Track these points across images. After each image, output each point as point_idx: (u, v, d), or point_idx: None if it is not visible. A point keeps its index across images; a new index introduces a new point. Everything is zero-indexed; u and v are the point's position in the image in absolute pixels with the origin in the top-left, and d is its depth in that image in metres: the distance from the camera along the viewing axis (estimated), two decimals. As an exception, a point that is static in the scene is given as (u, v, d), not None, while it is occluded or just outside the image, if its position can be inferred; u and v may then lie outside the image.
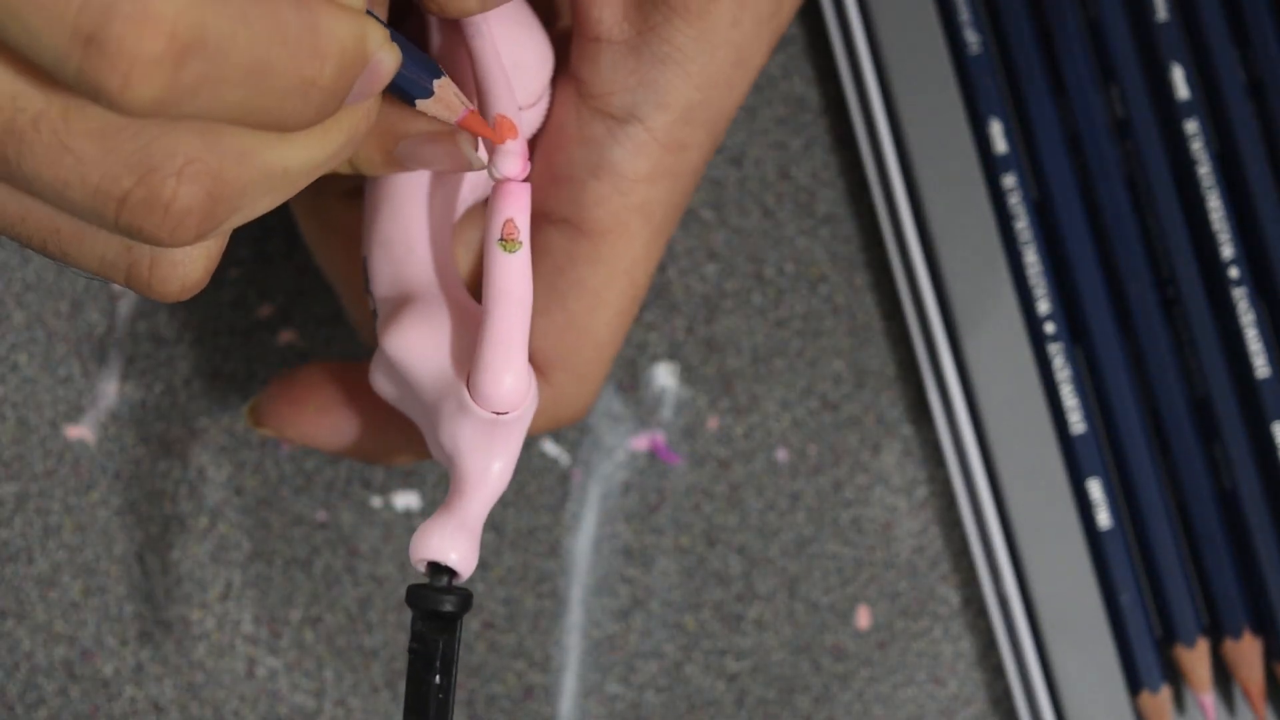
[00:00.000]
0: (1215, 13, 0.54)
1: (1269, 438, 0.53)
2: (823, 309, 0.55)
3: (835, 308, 0.55)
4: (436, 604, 0.39)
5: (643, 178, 0.42)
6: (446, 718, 0.39)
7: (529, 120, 0.43)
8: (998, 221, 0.53)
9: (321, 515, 0.54)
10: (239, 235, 0.53)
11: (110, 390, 0.53)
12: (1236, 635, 0.53)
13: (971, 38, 0.54)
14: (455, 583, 0.39)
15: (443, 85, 0.37)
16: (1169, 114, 0.54)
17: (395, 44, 0.34)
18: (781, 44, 0.55)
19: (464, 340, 0.40)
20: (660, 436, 0.54)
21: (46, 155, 0.32)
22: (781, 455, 0.54)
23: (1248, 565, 0.53)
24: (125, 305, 0.54)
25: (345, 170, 0.41)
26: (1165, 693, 0.53)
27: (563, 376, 0.44)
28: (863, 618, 0.54)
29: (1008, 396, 0.53)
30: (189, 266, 0.35)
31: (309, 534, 0.54)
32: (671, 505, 0.54)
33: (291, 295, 0.54)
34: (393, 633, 0.54)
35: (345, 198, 0.46)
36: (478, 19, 0.40)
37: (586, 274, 0.43)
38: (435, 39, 0.42)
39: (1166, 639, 0.53)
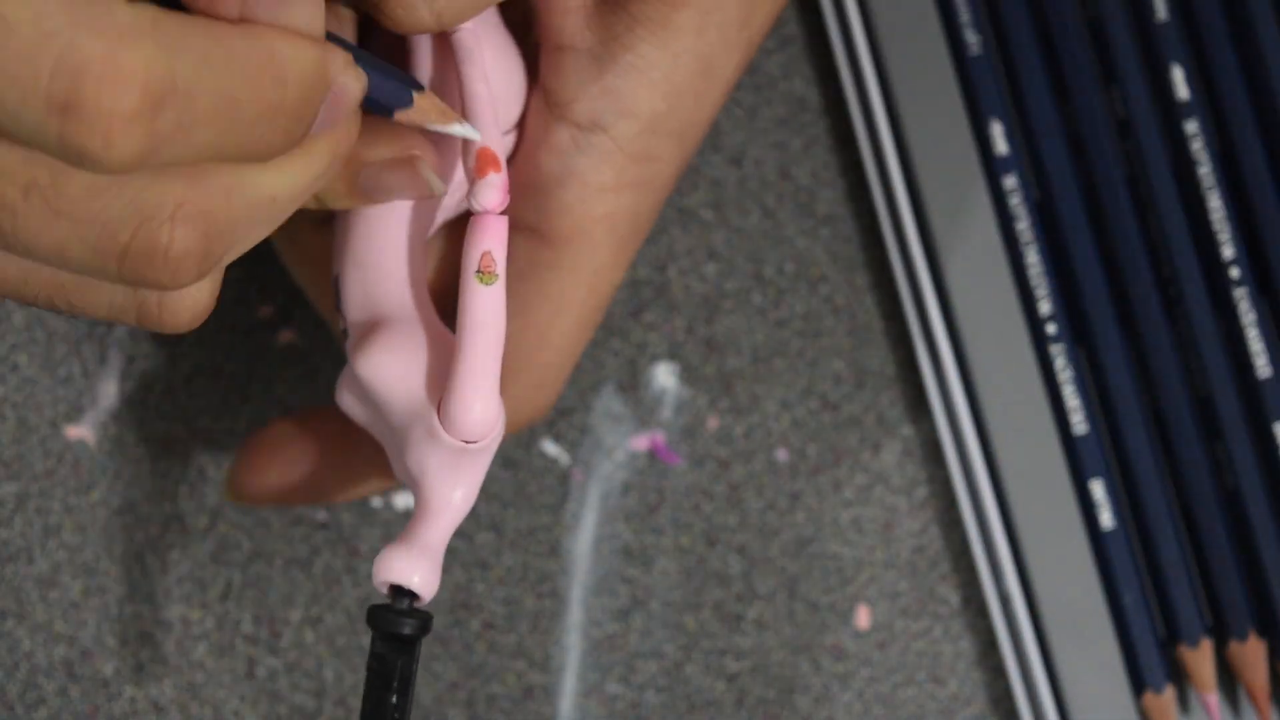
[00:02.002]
0: (1215, 13, 0.54)
1: (1271, 437, 0.53)
2: (823, 309, 0.55)
3: (835, 308, 0.55)
4: (397, 626, 0.39)
5: (608, 187, 0.42)
6: None
7: (505, 146, 0.43)
8: (999, 222, 0.53)
9: (321, 515, 0.54)
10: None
11: (110, 390, 0.54)
12: (1242, 637, 0.52)
13: (972, 38, 0.54)
14: (417, 605, 0.40)
15: (423, 97, 0.38)
16: (1169, 114, 0.54)
17: (360, 67, 0.35)
18: (781, 44, 0.55)
19: (435, 366, 0.40)
20: (660, 436, 0.54)
21: (40, 223, 0.32)
22: (781, 455, 0.54)
23: (1252, 566, 0.53)
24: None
25: (312, 205, 0.41)
26: (1169, 693, 0.52)
27: (520, 381, 0.44)
28: (863, 618, 0.54)
29: (1010, 397, 0.53)
30: (195, 298, 0.36)
31: (309, 534, 0.54)
32: (671, 505, 0.54)
33: (291, 295, 0.54)
34: (393, 633, 0.54)
35: (318, 224, 0.46)
36: (470, 45, 0.41)
37: (548, 281, 0.43)
38: (426, 66, 0.42)
39: (1170, 639, 0.53)
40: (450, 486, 0.40)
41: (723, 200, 0.55)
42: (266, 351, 0.54)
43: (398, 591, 0.40)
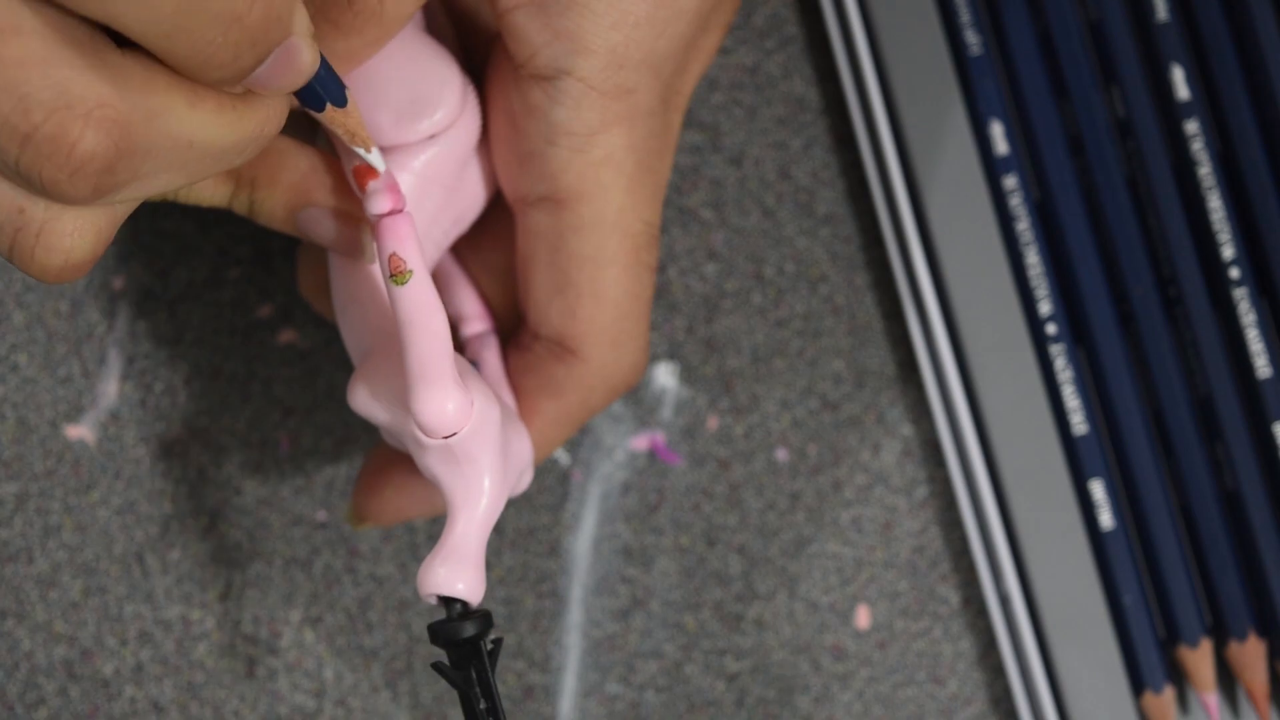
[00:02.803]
0: (1215, 13, 0.54)
1: (1271, 437, 0.53)
2: (823, 309, 0.55)
3: (835, 308, 0.55)
4: (458, 633, 0.39)
5: (595, 129, 0.42)
6: None
7: (463, 135, 0.43)
8: (999, 222, 0.53)
9: (321, 515, 0.54)
10: (239, 234, 0.53)
11: (110, 390, 0.54)
12: (1241, 637, 0.52)
13: (972, 39, 0.54)
14: (470, 607, 0.40)
15: (353, 105, 0.38)
16: (1170, 114, 0.54)
17: (317, 47, 0.35)
18: (781, 44, 0.55)
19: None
20: (660, 436, 0.54)
21: None
22: (781, 455, 0.54)
23: (1251, 566, 0.53)
24: (125, 305, 0.54)
25: (241, 211, 0.41)
26: (1169, 693, 0.52)
27: (594, 348, 0.44)
28: (863, 618, 0.54)
29: (1010, 398, 0.53)
30: (76, 240, 0.35)
31: (309, 534, 0.54)
32: (671, 505, 0.54)
33: (291, 295, 0.54)
34: (393, 633, 0.54)
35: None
36: (355, 76, 0.41)
37: (576, 243, 0.43)
38: None
39: (1170, 639, 0.53)
40: (463, 482, 0.40)
41: (723, 200, 0.55)
42: (266, 351, 0.54)
43: (447, 601, 0.40)
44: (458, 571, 0.40)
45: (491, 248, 0.47)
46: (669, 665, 0.54)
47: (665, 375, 0.54)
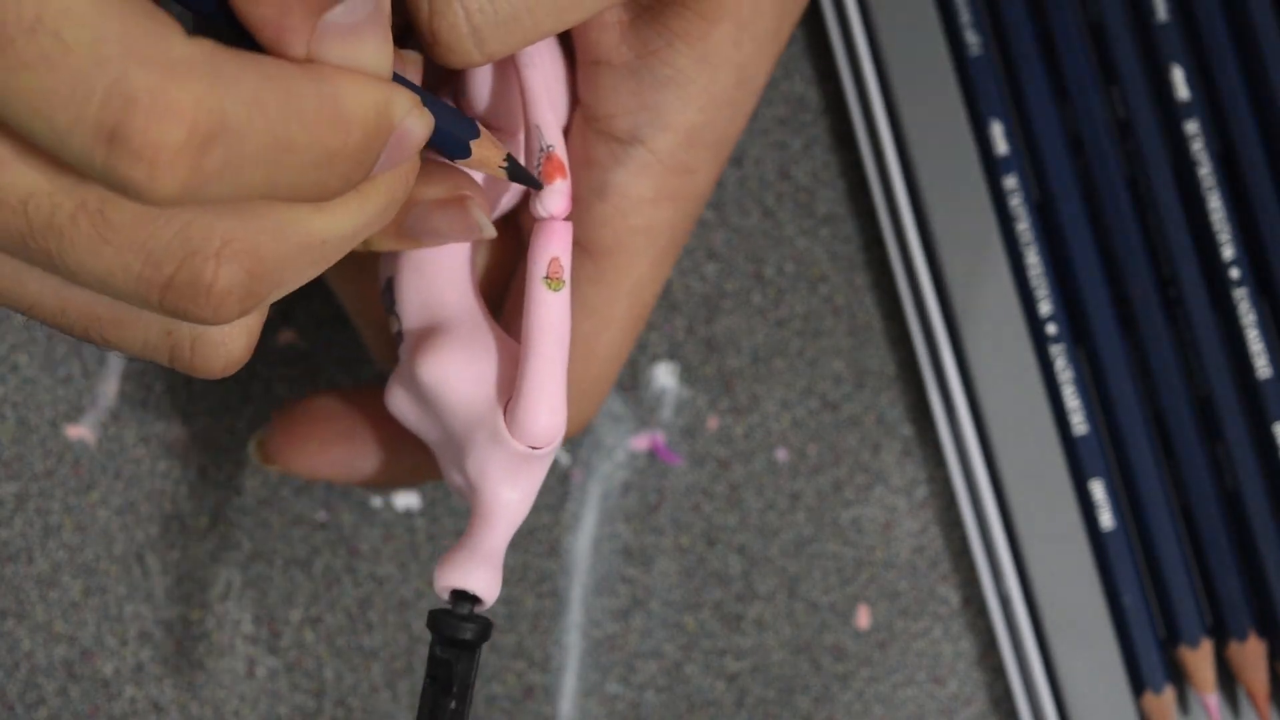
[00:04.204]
0: (1215, 13, 0.54)
1: (1271, 437, 0.53)
2: (823, 309, 0.55)
3: (835, 308, 0.55)
4: (458, 631, 0.39)
5: (647, 199, 0.42)
6: None
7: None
8: (999, 223, 0.53)
9: (321, 515, 0.54)
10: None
11: (110, 390, 0.54)
12: (1241, 637, 0.52)
13: (972, 39, 0.54)
14: (477, 610, 0.40)
15: (480, 144, 0.38)
16: (1170, 115, 0.54)
17: (426, 109, 0.35)
18: (782, 45, 0.55)
19: (500, 371, 0.40)
20: (660, 436, 0.54)
21: (87, 248, 0.32)
22: (781, 455, 0.54)
23: (1252, 566, 0.53)
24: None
25: (359, 249, 0.41)
26: (1169, 693, 0.52)
27: (570, 404, 0.44)
28: (863, 618, 0.54)
29: (1010, 398, 0.53)
30: (230, 345, 0.36)
31: (309, 534, 0.54)
32: (671, 505, 0.54)
33: (292, 295, 0.54)
34: (393, 633, 0.54)
35: None
36: (531, 54, 0.41)
37: (590, 295, 0.43)
38: (486, 83, 0.42)
39: (1170, 640, 0.53)
40: (509, 491, 0.40)
41: (723, 200, 0.55)
42: (266, 351, 0.54)
43: (459, 597, 0.40)
44: (478, 569, 0.40)
45: (498, 246, 0.46)
46: (669, 665, 0.54)
47: (665, 375, 0.54)
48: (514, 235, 0.46)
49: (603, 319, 0.43)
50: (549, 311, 0.39)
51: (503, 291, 0.46)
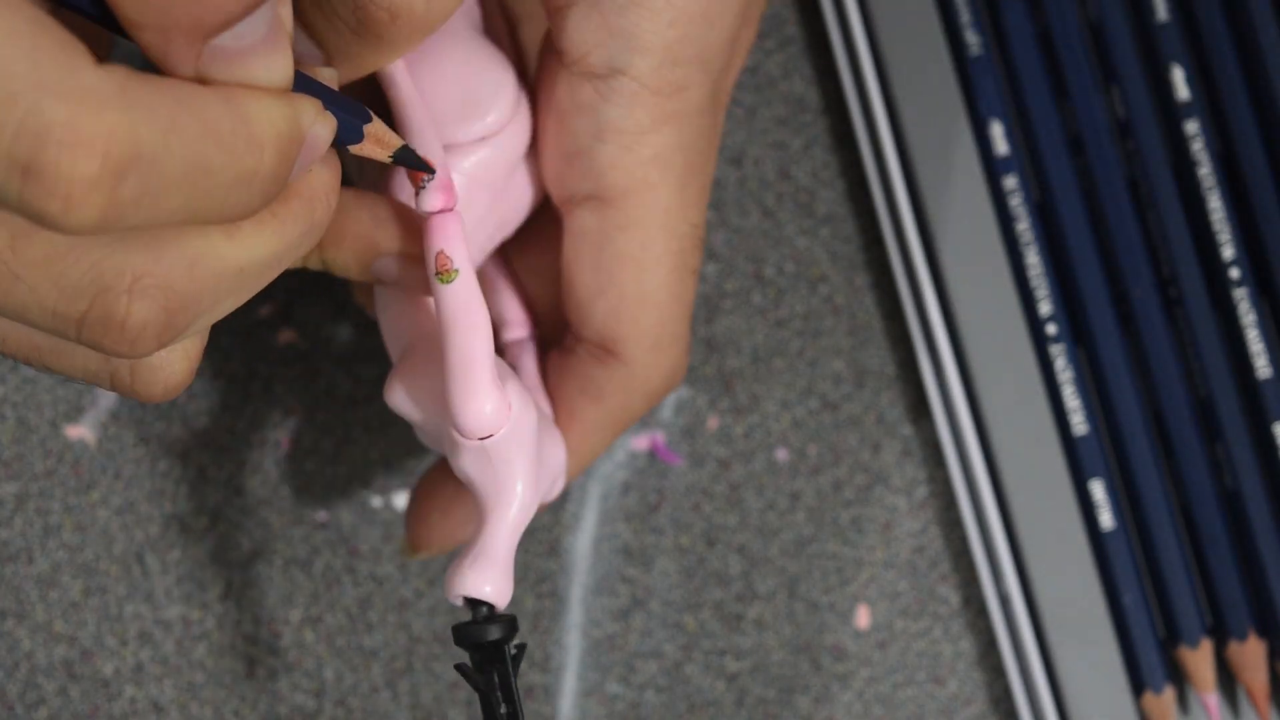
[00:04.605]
0: (1215, 13, 0.54)
1: (1271, 437, 0.53)
2: (823, 309, 0.55)
3: (835, 308, 0.55)
4: (482, 635, 0.39)
5: (645, 128, 0.42)
6: None
7: (513, 139, 0.43)
8: (999, 223, 0.53)
9: (321, 515, 0.54)
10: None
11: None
12: (1241, 637, 0.52)
13: (972, 39, 0.54)
14: (495, 612, 0.40)
15: (372, 128, 0.38)
16: (1170, 115, 0.54)
17: (328, 112, 0.35)
18: (781, 44, 0.55)
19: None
20: (660, 436, 0.54)
21: (2, 285, 0.32)
22: (781, 455, 0.54)
23: (1251, 566, 0.53)
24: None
25: (315, 268, 0.41)
26: (1169, 693, 0.52)
27: (636, 350, 0.43)
28: (863, 618, 0.54)
29: (1010, 398, 0.53)
30: (169, 370, 0.36)
31: (309, 534, 0.54)
32: (671, 505, 0.54)
33: (291, 295, 0.54)
34: (393, 633, 0.54)
35: None
36: (390, 70, 0.41)
37: (622, 243, 0.43)
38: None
39: (1170, 640, 0.53)
40: (495, 485, 0.40)
41: (723, 200, 0.55)
42: (266, 351, 0.54)
43: (473, 603, 0.40)
44: (486, 574, 0.39)
45: (537, 251, 0.46)
46: (669, 665, 0.54)
47: (665, 375, 0.54)
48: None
49: (643, 262, 0.43)
50: (448, 304, 0.39)
51: None
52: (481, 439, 0.39)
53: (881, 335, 0.55)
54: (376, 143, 0.38)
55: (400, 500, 0.54)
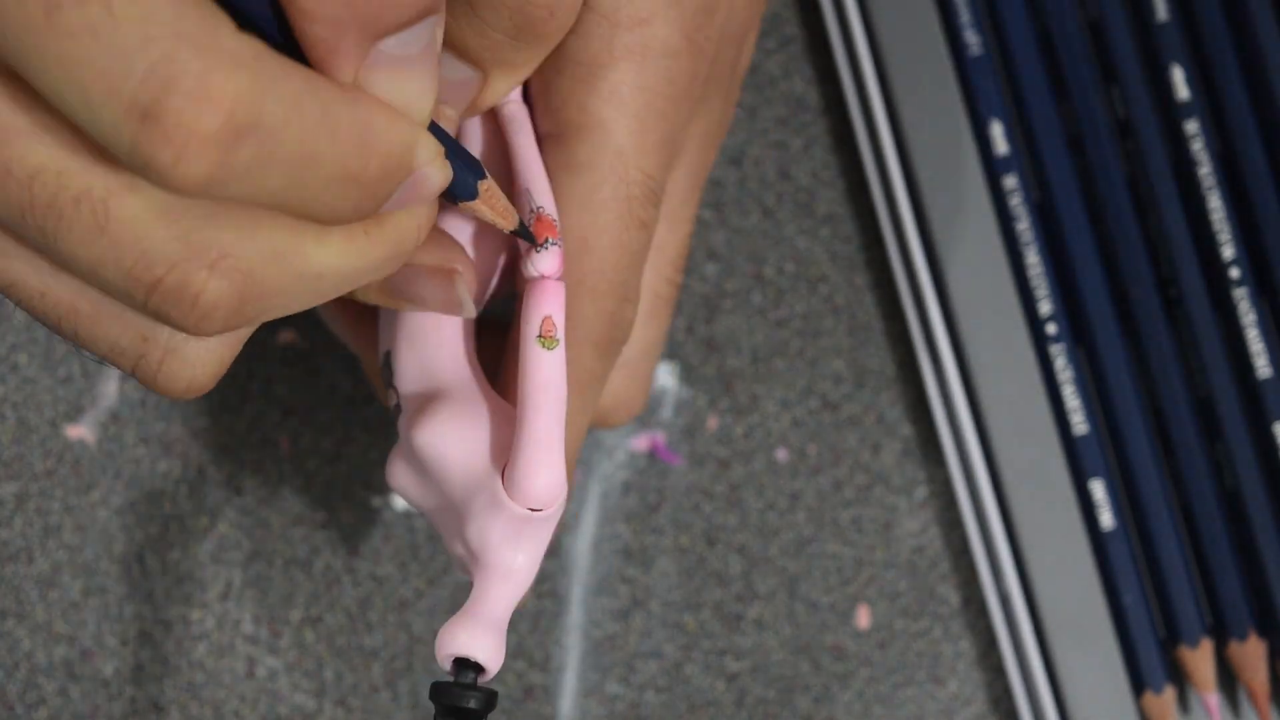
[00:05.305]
0: (1215, 13, 0.54)
1: (1271, 437, 0.53)
2: (823, 309, 0.55)
3: (835, 308, 0.55)
4: (461, 700, 0.38)
5: (602, 61, 0.40)
6: None
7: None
8: (999, 222, 0.53)
9: (321, 515, 0.54)
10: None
11: (110, 390, 0.54)
12: (1242, 637, 0.52)
13: (972, 38, 0.53)
14: (482, 680, 0.39)
15: (487, 187, 0.37)
16: (1170, 114, 0.54)
17: (448, 162, 0.34)
18: (781, 44, 0.55)
19: (496, 434, 0.40)
20: (660, 436, 0.54)
21: (85, 234, 0.32)
22: (781, 455, 0.54)
23: (1252, 566, 0.53)
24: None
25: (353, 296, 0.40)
26: (1169, 693, 0.52)
27: (576, 302, 0.41)
28: (863, 618, 0.54)
29: (1010, 398, 0.53)
30: (198, 369, 0.35)
31: (309, 534, 0.54)
32: (671, 505, 0.54)
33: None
34: (393, 633, 0.54)
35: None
36: (517, 115, 0.40)
37: (568, 182, 0.41)
38: (477, 132, 0.42)
39: (1170, 639, 0.53)
40: (512, 555, 0.39)
41: (723, 200, 0.55)
42: (266, 351, 0.54)
43: (461, 665, 0.39)
44: (481, 637, 0.39)
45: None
46: (669, 665, 0.54)
47: (665, 375, 0.54)
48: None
49: (586, 205, 0.41)
50: (543, 370, 0.38)
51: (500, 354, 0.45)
52: (532, 509, 0.38)
53: (881, 335, 0.55)
54: (489, 204, 0.37)
55: (400, 500, 0.54)
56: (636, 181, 0.41)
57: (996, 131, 0.53)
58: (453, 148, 0.36)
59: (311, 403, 0.54)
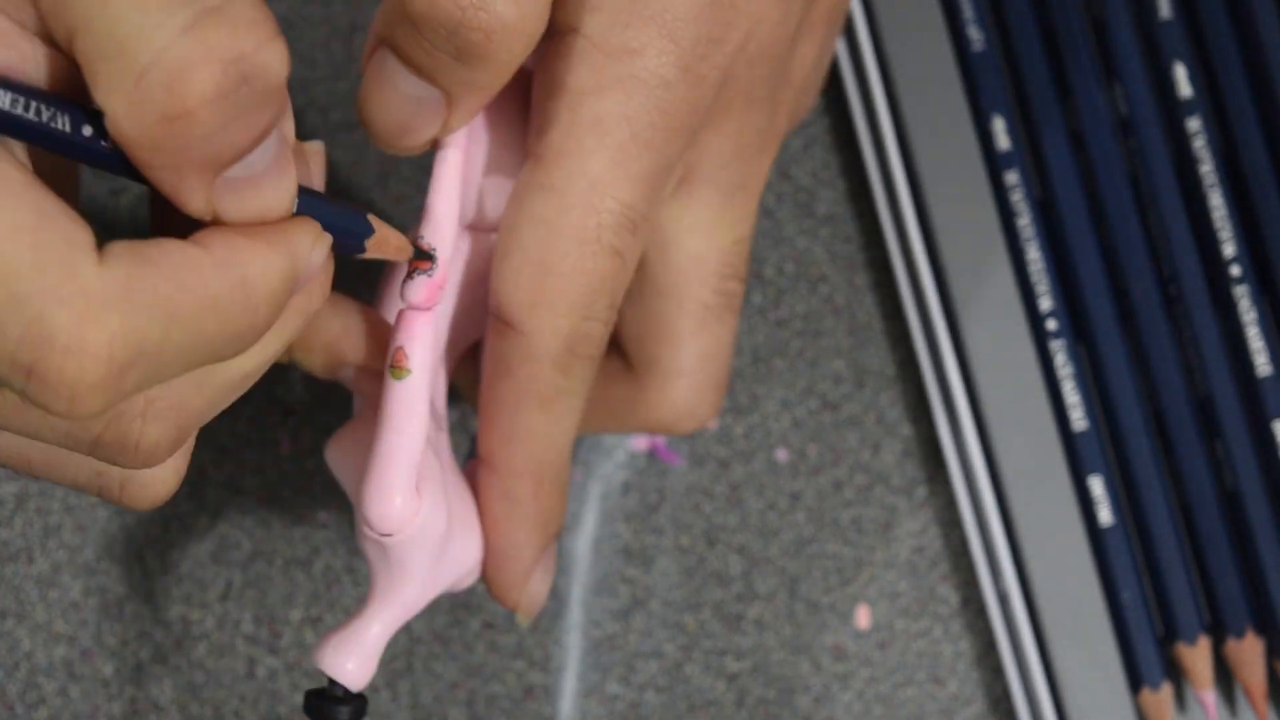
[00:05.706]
0: (1218, 11, 0.53)
1: (1271, 436, 0.53)
2: (823, 309, 0.55)
3: (835, 308, 0.55)
4: (331, 714, 0.40)
5: (588, 89, 0.40)
6: None
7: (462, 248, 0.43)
8: (1000, 218, 0.53)
9: (321, 515, 0.54)
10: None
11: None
12: (1239, 634, 0.52)
13: (975, 35, 0.53)
14: (350, 693, 0.40)
15: (373, 241, 0.37)
16: (1172, 112, 0.53)
17: (325, 234, 0.34)
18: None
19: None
20: (660, 437, 0.54)
21: (13, 411, 0.33)
22: (781, 455, 0.54)
23: (1250, 564, 0.53)
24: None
25: (283, 361, 0.41)
26: (1166, 690, 0.53)
27: (524, 315, 0.41)
28: (863, 618, 0.54)
29: (1010, 394, 0.53)
30: (159, 485, 0.37)
31: (309, 534, 0.54)
32: (671, 505, 0.54)
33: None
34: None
35: None
36: (442, 150, 0.40)
37: (539, 203, 0.40)
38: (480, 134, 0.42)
39: (1168, 637, 0.53)
40: (386, 580, 0.40)
41: (723, 198, 0.54)
42: (266, 351, 0.54)
43: (332, 679, 0.40)
44: (352, 656, 0.40)
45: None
46: (669, 665, 0.54)
47: (665, 374, 0.54)
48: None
49: (553, 229, 0.40)
50: (390, 401, 0.39)
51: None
52: (383, 535, 0.39)
53: (881, 335, 0.55)
54: (380, 249, 0.37)
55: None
56: (609, 210, 0.40)
57: (999, 127, 0.53)
58: (326, 213, 0.35)
59: (311, 403, 0.54)
